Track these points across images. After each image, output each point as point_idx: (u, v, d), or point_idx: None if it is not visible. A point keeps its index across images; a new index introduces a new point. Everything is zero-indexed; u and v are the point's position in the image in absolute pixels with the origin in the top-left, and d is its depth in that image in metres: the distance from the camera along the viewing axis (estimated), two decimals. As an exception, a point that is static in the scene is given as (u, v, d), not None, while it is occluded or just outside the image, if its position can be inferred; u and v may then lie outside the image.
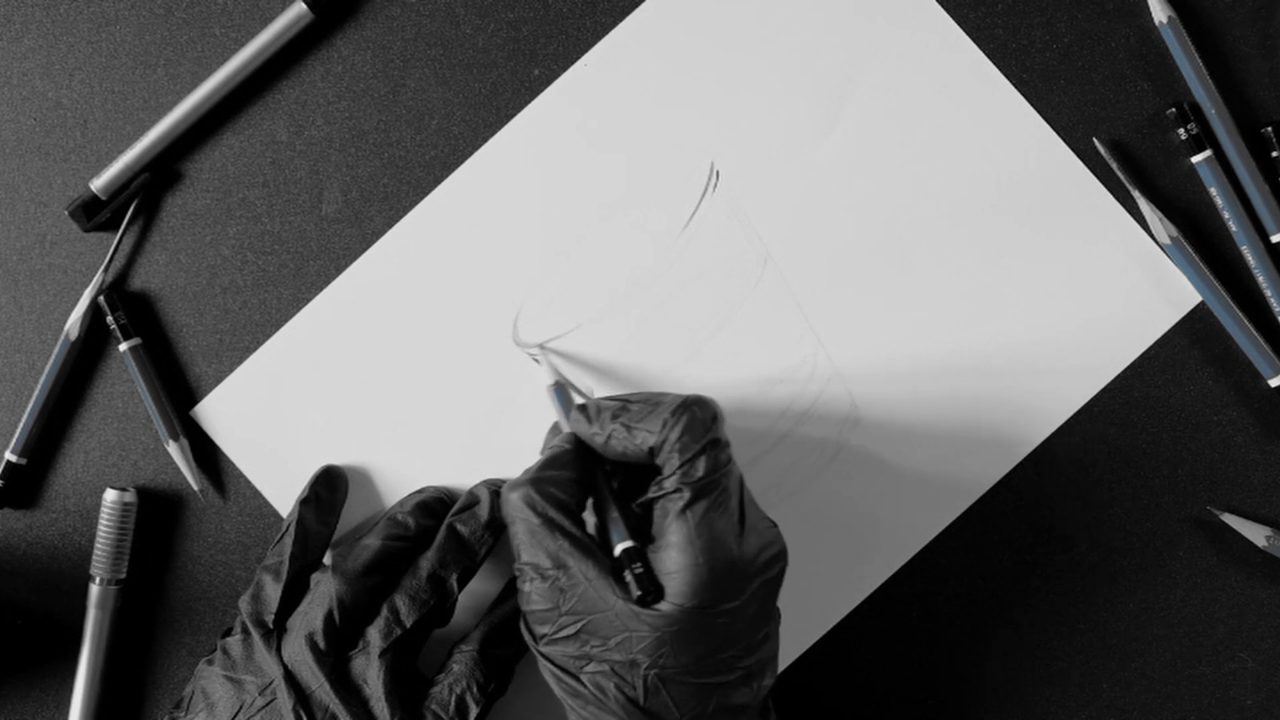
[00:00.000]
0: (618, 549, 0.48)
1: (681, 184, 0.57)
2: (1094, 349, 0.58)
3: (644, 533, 0.49)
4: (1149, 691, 0.59)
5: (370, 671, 0.52)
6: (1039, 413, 0.58)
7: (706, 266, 0.54)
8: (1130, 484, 0.58)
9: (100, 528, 0.58)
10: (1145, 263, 0.58)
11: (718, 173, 0.52)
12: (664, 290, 0.53)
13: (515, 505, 0.49)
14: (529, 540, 0.48)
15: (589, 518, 0.50)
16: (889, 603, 0.59)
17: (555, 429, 0.53)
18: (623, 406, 0.49)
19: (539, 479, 0.49)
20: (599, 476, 0.50)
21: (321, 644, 0.52)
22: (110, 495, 0.58)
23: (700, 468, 0.47)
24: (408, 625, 0.52)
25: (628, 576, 0.47)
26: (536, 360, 0.57)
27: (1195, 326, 0.58)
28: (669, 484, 0.47)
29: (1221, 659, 0.58)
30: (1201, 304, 0.57)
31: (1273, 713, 0.59)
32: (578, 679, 0.48)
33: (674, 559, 0.47)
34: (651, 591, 0.47)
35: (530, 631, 0.49)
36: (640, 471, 0.50)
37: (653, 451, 0.48)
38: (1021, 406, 0.58)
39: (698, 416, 0.48)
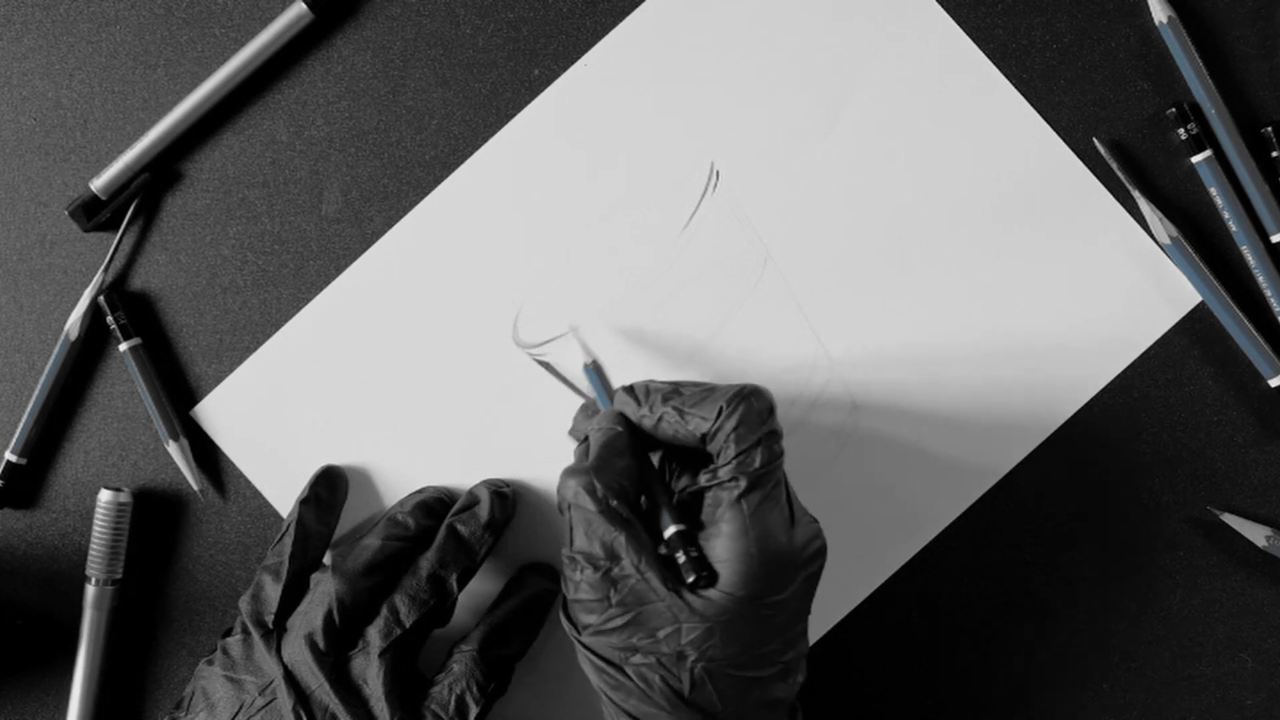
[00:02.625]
0: (668, 533, 0.47)
1: (681, 184, 0.57)
2: (1094, 349, 0.58)
3: (687, 516, 0.48)
4: (1149, 691, 0.59)
5: (370, 671, 0.52)
6: (1039, 412, 0.58)
7: (706, 266, 0.54)
8: (1130, 484, 0.58)
9: (95, 528, 0.58)
10: (1145, 263, 0.58)
11: (718, 173, 0.52)
12: (664, 290, 0.53)
13: (575, 492, 0.48)
14: (585, 529, 0.48)
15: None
16: (889, 603, 0.59)
17: (586, 409, 0.53)
18: (674, 390, 0.49)
19: (601, 466, 0.48)
20: (646, 459, 0.49)
21: (321, 644, 0.52)
22: (105, 495, 0.58)
23: (757, 459, 0.47)
24: (407, 625, 0.52)
25: (680, 559, 0.47)
26: (539, 361, 0.57)
27: (1195, 326, 0.58)
28: (724, 473, 0.47)
29: (1221, 659, 0.58)
30: (1201, 304, 0.57)
31: (1273, 713, 0.59)
32: (622, 671, 0.47)
33: (727, 548, 0.46)
34: (705, 575, 0.46)
35: (573, 620, 0.49)
36: (684, 456, 0.50)
37: (704, 438, 0.48)
38: (1021, 406, 0.58)
39: (754, 407, 0.48)
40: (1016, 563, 0.58)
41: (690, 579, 0.46)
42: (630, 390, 0.50)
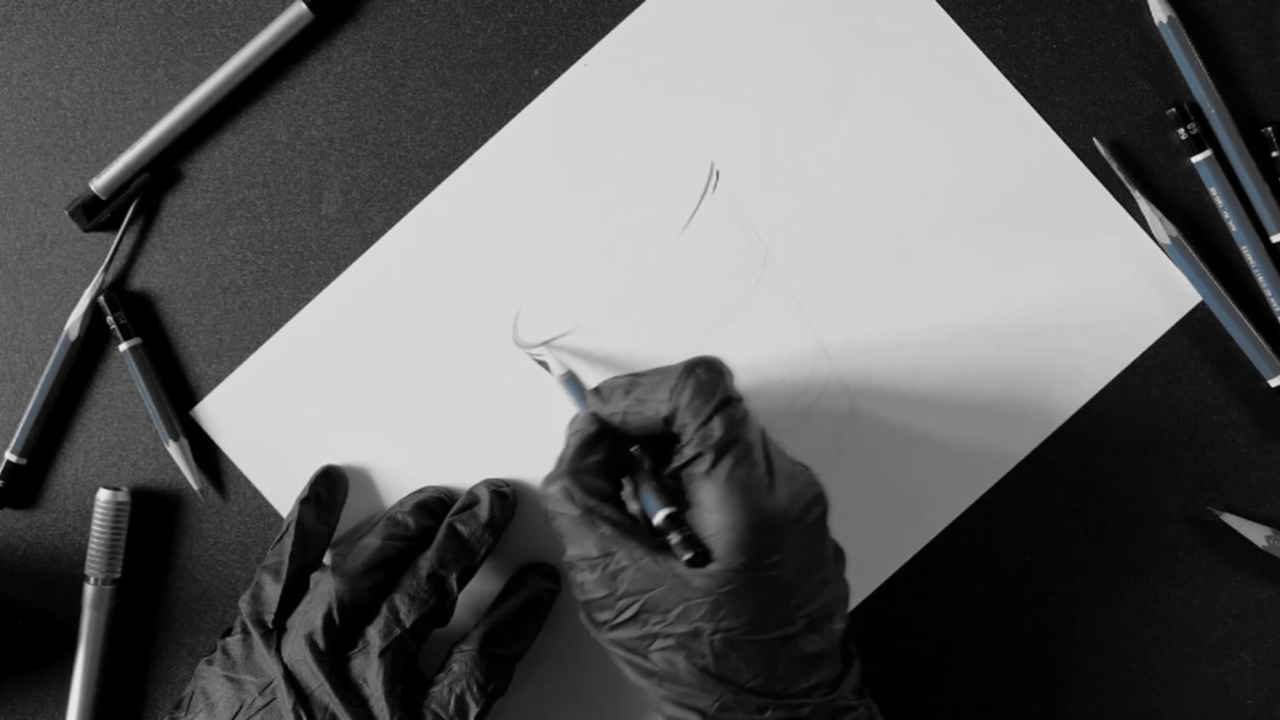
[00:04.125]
0: (657, 519, 0.48)
1: (681, 184, 0.57)
2: (1094, 348, 0.58)
3: (681, 500, 0.49)
4: (1149, 691, 0.59)
5: (370, 671, 0.52)
6: (1039, 413, 0.58)
7: (706, 266, 0.54)
8: (1130, 484, 0.58)
9: (94, 528, 0.58)
10: (1145, 263, 0.58)
11: (718, 173, 0.52)
12: (664, 290, 0.53)
13: (554, 500, 0.49)
14: (573, 533, 0.48)
15: (627, 495, 0.50)
16: (889, 602, 0.58)
17: (574, 421, 0.53)
18: (633, 382, 0.49)
19: (573, 470, 0.49)
20: (629, 453, 0.50)
21: (321, 644, 0.52)
22: (103, 495, 0.58)
23: (717, 428, 0.47)
24: (407, 625, 0.52)
25: (673, 540, 0.47)
26: (538, 361, 0.57)
27: (1195, 326, 0.58)
28: (688, 450, 0.47)
29: (1221, 659, 0.58)
30: (1201, 304, 0.57)
31: (1273, 713, 0.59)
32: (646, 658, 0.48)
33: (711, 521, 0.47)
34: (699, 551, 0.46)
35: (592, 620, 0.49)
36: (668, 441, 0.50)
37: (668, 421, 0.48)
38: (1021, 406, 0.58)
39: (703, 378, 0.48)
40: (1016, 563, 0.58)
41: (686, 557, 0.46)
42: (596, 391, 0.50)
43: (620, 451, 0.50)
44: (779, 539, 0.47)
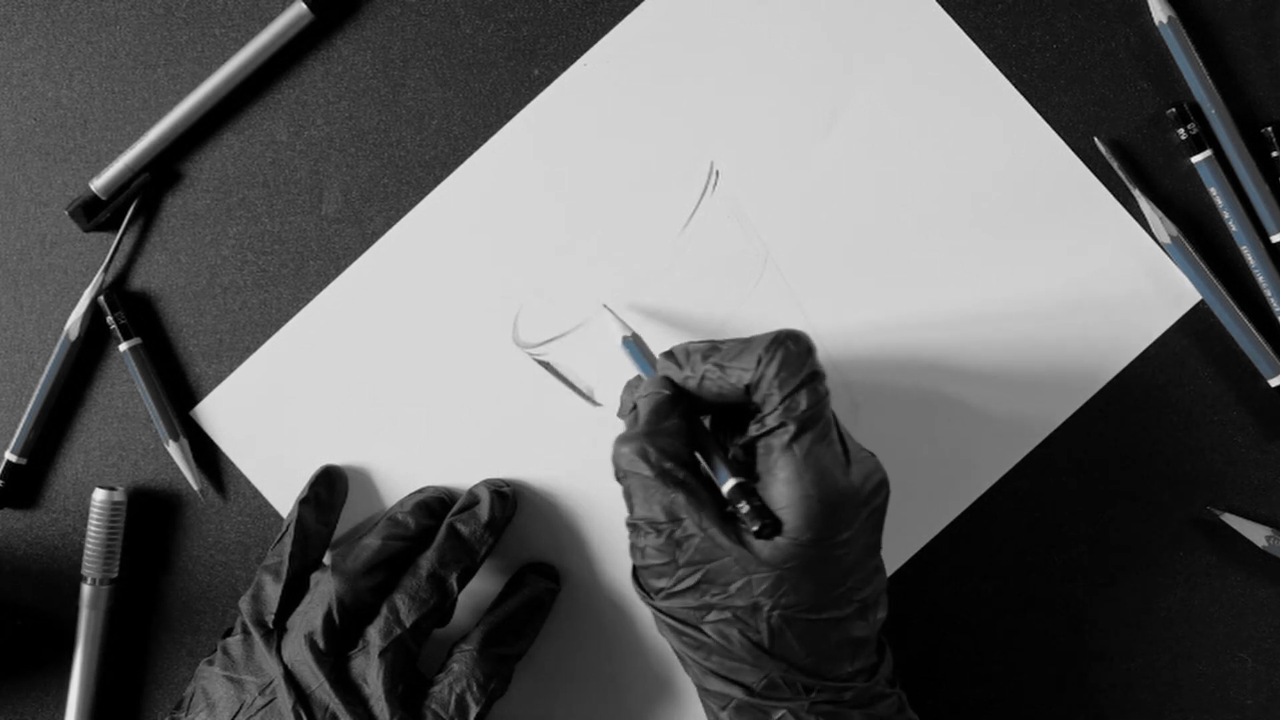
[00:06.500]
0: (726, 487, 0.47)
1: (681, 183, 0.57)
2: (1094, 348, 0.58)
3: (745, 472, 0.48)
4: (1149, 691, 0.59)
5: (370, 671, 0.52)
6: (1039, 413, 0.58)
7: (706, 266, 0.54)
8: (1130, 484, 0.58)
9: (90, 527, 0.58)
10: (1145, 263, 0.58)
11: (717, 172, 0.52)
12: (663, 290, 0.53)
13: (628, 459, 0.47)
14: (643, 494, 0.47)
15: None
16: (889, 601, 0.58)
17: (631, 384, 0.52)
18: (713, 347, 0.48)
19: (649, 431, 0.47)
20: (696, 420, 0.49)
21: (321, 643, 0.52)
22: (99, 495, 0.58)
23: (802, 401, 0.46)
24: (407, 624, 0.52)
25: (743, 509, 0.46)
26: (539, 361, 0.56)
27: (1195, 326, 0.58)
28: (771, 420, 0.46)
29: (1221, 659, 0.58)
30: (1201, 304, 0.57)
31: (1273, 713, 0.58)
32: (700, 630, 0.47)
33: (784, 493, 0.46)
34: (769, 523, 0.46)
35: (644, 587, 0.49)
36: (730, 412, 0.49)
37: (749, 389, 0.47)
38: (1021, 406, 0.58)
39: (793, 350, 0.47)
40: (1016, 563, 0.58)
41: (755, 528, 0.46)
42: (670, 355, 0.49)
43: (692, 418, 0.49)
44: (850, 518, 0.46)
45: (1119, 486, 0.58)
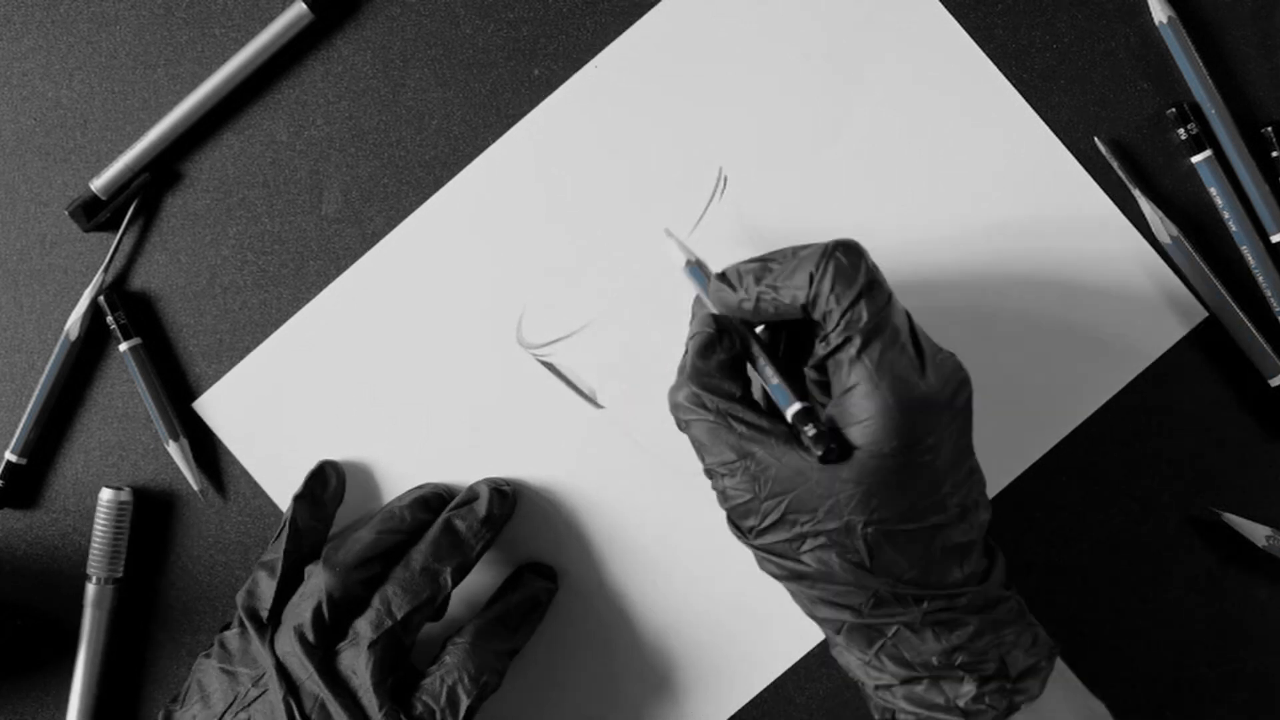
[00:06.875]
0: (789, 412, 0.46)
1: (689, 188, 0.57)
2: (1093, 348, 0.58)
3: (825, 391, 0.47)
4: (1149, 691, 0.59)
5: (359, 663, 0.52)
6: (1043, 419, 0.58)
7: (714, 269, 0.54)
8: (1130, 484, 0.58)
9: (96, 527, 0.58)
10: (1146, 264, 0.57)
11: (725, 178, 0.52)
12: (669, 293, 0.53)
13: (685, 408, 0.47)
14: (710, 440, 0.46)
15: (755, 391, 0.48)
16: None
17: (699, 302, 0.50)
18: (764, 267, 0.47)
19: (697, 373, 0.47)
20: (754, 344, 0.47)
21: (310, 636, 0.52)
22: (106, 494, 0.58)
23: (863, 312, 0.45)
24: (398, 617, 0.52)
25: (810, 432, 0.45)
26: (542, 362, 0.56)
27: (1195, 327, 0.58)
28: (835, 336, 0.45)
29: (1221, 659, 0.58)
30: (1202, 304, 0.57)
31: (1273, 712, 0.59)
32: (799, 561, 0.46)
33: (862, 406, 0.45)
34: (833, 446, 0.44)
35: (738, 529, 0.47)
36: (801, 327, 0.48)
37: (806, 307, 0.46)
38: (1024, 412, 0.58)
39: (844, 263, 0.45)
40: (1017, 563, 0.58)
41: (819, 452, 0.45)
42: (723, 277, 0.48)
43: (742, 346, 0.47)
44: (933, 423, 0.45)
45: (1119, 486, 0.58)
